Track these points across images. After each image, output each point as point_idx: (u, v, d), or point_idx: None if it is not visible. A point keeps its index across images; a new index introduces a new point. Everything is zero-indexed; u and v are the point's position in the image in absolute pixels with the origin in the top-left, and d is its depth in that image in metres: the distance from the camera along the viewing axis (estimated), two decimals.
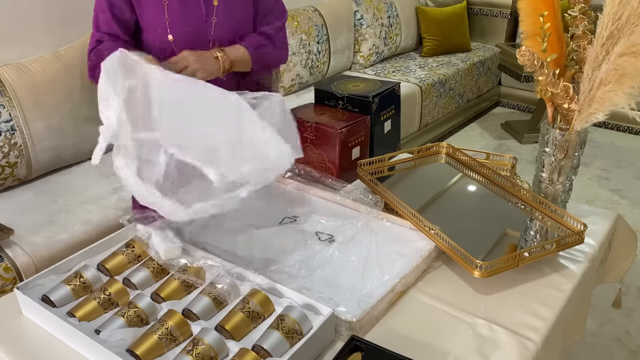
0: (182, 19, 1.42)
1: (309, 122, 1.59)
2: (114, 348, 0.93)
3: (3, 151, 2.06)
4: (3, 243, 1.80)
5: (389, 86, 1.72)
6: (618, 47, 1.11)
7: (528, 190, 1.36)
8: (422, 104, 3.49)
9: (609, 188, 3.24)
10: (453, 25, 4.14)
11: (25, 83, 2.12)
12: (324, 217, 1.37)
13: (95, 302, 1.04)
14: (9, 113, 2.07)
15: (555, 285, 1.16)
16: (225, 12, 1.45)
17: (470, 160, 1.52)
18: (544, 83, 1.19)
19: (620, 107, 1.15)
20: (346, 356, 0.95)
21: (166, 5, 1.40)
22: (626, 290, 2.32)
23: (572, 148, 1.26)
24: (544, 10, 1.16)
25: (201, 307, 1.03)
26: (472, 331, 1.04)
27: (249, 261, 1.20)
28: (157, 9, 1.41)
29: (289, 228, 1.35)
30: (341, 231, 1.32)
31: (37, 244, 1.83)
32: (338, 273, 1.18)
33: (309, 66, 3.30)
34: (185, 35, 1.43)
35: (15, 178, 2.15)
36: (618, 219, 1.42)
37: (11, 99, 2.08)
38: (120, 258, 1.17)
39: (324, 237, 1.30)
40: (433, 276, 1.19)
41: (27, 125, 2.12)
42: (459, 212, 1.40)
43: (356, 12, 3.67)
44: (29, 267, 1.77)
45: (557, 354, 1.15)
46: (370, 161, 1.52)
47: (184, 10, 1.42)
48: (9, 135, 2.07)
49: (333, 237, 1.30)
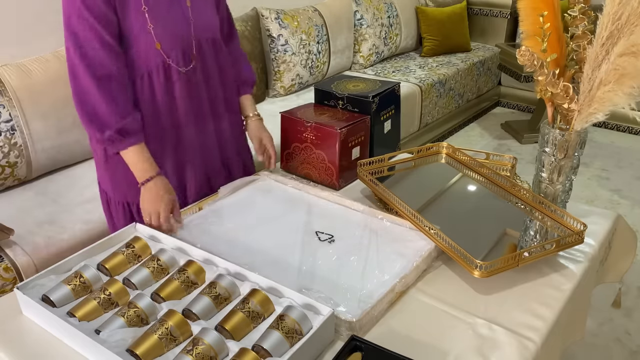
0: (167, 23, 1.37)
1: (309, 122, 1.59)
2: (114, 348, 0.93)
3: (3, 151, 2.06)
4: (3, 243, 1.80)
5: (389, 86, 1.72)
6: (618, 47, 1.11)
7: (528, 190, 1.36)
8: (422, 104, 3.49)
9: (609, 188, 3.24)
10: (453, 25, 4.13)
11: (25, 83, 2.12)
12: (324, 217, 1.37)
13: (95, 302, 1.04)
14: (9, 113, 2.07)
15: (555, 285, 1.16)
16: (197, 11, 1.44)
17: (470, 160, 1.52)
18: (544, 83, 1.19)
19: (620, 107, 1.15)
20: (346, 356, 0.95)
21: (146, 12, 1.33)
22: (626, 290, 2.32)
23: (572, 148, 1.26)
24: (544, 10, 1.16)
25: (201, 307, 1.03)
26: (472, 331, 1.04)
27: (250, 260, 1.20)
28: (139, 18, 1.34)
29: (288, 228, 1.35)
30: (341, 231, 1.32)
31: (37, 244, 1.83)
32: (338, 273, 1.18)
33: (309, 66, 3.30)
34: (171, 40, 1.38)
35: (15, 178, 2.15)
36: (618, 219, 1.42)
37: (11, 99, 2.08)
38: (120, 258, 1.17)
39: (324, 237, 1.30)
40: (433, 276, 1.19)
41: (27, 125, 2.12)
42: (459, 212, 1.40)
43: (356, 12, 3.67)
44: (29, 267, 1.77)
45: (557, 354, 1.15)
46: (370, 161, 1.52)
47: (167, 15, 1.38)
48: (9, 135, 2.07)
49: (333, 236, 1.30)
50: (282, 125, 1.67)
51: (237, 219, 1.40)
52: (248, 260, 1.20)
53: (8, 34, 2.20)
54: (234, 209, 1.45)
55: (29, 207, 2.04)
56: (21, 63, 2.17)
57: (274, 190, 1.54)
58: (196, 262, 1.14)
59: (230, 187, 1.53)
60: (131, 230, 1.28)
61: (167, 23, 1.37)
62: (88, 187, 2.17)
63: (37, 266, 1.78)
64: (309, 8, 3.39)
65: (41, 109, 2.15)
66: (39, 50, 2.22)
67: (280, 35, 3.14)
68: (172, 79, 1.40)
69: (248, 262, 1.19)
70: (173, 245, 1.22)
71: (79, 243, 1.86)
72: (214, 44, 1.49)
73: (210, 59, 1.48)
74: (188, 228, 1.36)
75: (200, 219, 1.41)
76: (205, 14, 1.47)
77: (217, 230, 1.35)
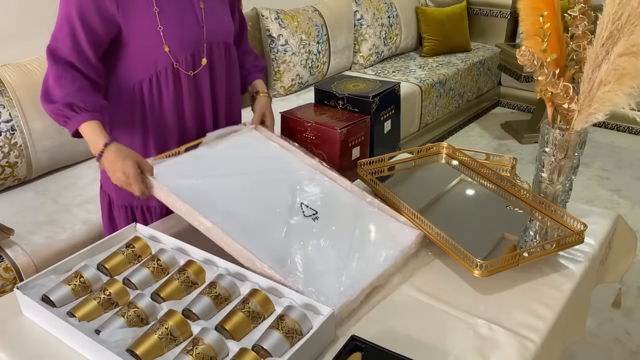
0: (178, 26, 1.35)
1: (309, 122, 1.59)
2: (114, 348, 0.93)
3: (3, 151, 2.06)
4: (3, 243, 1.80)
5: (389, 86, 1.72)
6: (618, 47, 1.11)
7: (528, 190, 1.36)
8: (422, 104, 3.49)
9: (609, 188, 3.24)
10: (453, 25, 4.14)
11: (25, 83, 2.13)
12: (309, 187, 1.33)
13: (95, 302, 1.04)
14: (9, 113, 2.07)
15: (555, 285, 1.16)
16: (211, 14, 1.43)
17: (470, 160, 1.52)
18: (544, 83, 1.19)
19: (620, 107, 1.15)
20: (346, 356, 0.95)
21: (157, 13, 1.32)
22: (626, 290, 2.32)
23: (572, 148, 1.26)
24: (544, 10, 1.16)
25: (201, 307, 1.03)
26: (472, 331, 1.04)
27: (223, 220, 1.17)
28: (147, 18, 1.32)
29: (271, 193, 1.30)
30: (326, 208, 1.28)
31: (37, 244, 1.83)
32: (319, 256, 1.16)
33: (309, 66, 3.30)
34: (181, 44, 1.37)
35: (15, 178, 2.15)
36: (618, 219, 1.42)
37: (11, 99, 2.08)
38: (120, 258, 1.17)
39: (308, 213, 1.26)
40: (433, 276, 1.19)
41: (27, 125, 2.12)
42: (459, 212, 1.40)
43: (356, 12, 3.67)
44: (29, 267, 1.77)
45: (557, 354, 1.15)
46: (370, 161, 1.52)
47: (179, 17, 1.36)
48: (9, 135, 2.07)
49: (317, 213, 1.27)
50: (282, 125, 1.67)
51: (217, 171, 1.34)
52: (221, 220, 1.16)
53: (8, 34, 2.20)
54: (215, 160, 1.38)
55: (29, 207, 2.04)
56: (21, 63, 2.17)
57: (259, 146, 1.48)
58: (196, 262, 1.14)
59: (216, 134, 1.46)
60: (131, 230, 1.27)
61: (178, 26, 1.35)
62: (88, 187, 2.17)
63: (37, 266, 1.78)
64: (309, 8, 3.39)
65: (41, 109, 2.13)
66: (39, 50, 2.22)
67: (280, 35, 3.14)
68: (181, 81, 1.39)
69: (221, 222, 1.15)
70: (173, 245, 1.22)
71: (79, 243, 1.87)
72: (225, 47, 1.48)
73: (219, 62, 1.47)
74: (164, 173, 1.29)
75: (178, 165, 1.34)
76: (219, 18, 1.45)
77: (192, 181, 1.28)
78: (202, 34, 1.40)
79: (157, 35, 1.33)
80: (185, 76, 1.39)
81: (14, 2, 2.21)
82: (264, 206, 1.26)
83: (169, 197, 1.22)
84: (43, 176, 2.26)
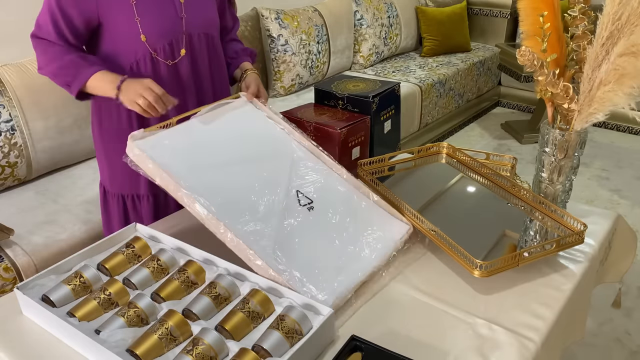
0: (154, 17, 1.40)
1: (309, 122, 1.58)
2: (114, 348, 0.93)
3: (3, 151, 2.06)
4: (3, 243, 1.80)
5: (389, 86, 1.72)
6: (618, 47, 1.11)
7: (528, 190, 1.36)
8: (422, 104, 3.49)
9: (609, 188, 3.24)
10: (453, 25, 4.13)
11: (25, 83, 2.13)
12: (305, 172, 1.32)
13: (95, 302, 1.04)
14: (9, 113, 2.07)
15: (555, 285, 1.16)
16: (192, 7, 1.46)
17: (470, 160, 1.52)
18: (544, 83, 1.19)
19: (620, 107, 1.15)
20: (346, 356, 0.95)
21: (134, 4, 1.37)
22: (626, 290, 2.32)
23: (572, 148, 1.26)
24: (544, 10, 1.16)
25: (201, 307, 1.03)
26: (472, 331, 1.04)
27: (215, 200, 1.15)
28: (125, 10, 1.38)
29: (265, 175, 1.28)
30: (321, 198, 1.27)
31: (37, 244, 1.83)
32: (313, 248, 1.15)
33: (309, 66, 3.30)
34: (158, 33, 1.41)
35: (15, 178, 2.15)
36: (618, 219, 1.42)
37: (11, 99, 2.08)
38: (120, 258, 1.17)
39: (304, 202, 1.25)
40: (433, 276, 1.19)
41: (27, 125, 2.12)
42: (459, 212, 1.40)
43: (356, 12, 3.67)
44: (29, 267, 1.77)
45: (557, 354, 1.15)
46: (370, 161, 1.52)
47: (156, 9, 1.40)
48: (9, 135, 2.07)
49: (312, 202, 1.26)
50: None
51: (211, 152, 1.30)
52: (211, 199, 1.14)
53: (8, 34, 2.20)
54: (210, 140, 1.35)
55: (29, 207, 2.04)
56: (21, 63, 2.17)
57: (255, 123, 1.45)
58: (196, 262, 1.14)
59: (211, 107, 1.43)
60: (131, 230, 1.28)
61: (154, 17, 1.41)
62: (88, 187, 2.17)
63: (37, 266, 1.78)
64: (309, 8, 3.39)
65: (41, 109, 2.15)
66: None
67: (280, 35, 3.14)
68: (160, 70, 1.45)
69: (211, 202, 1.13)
70: (173, 245, 1.22)
71: (78, 243, 1.87)
72: (206, 38, 1.52)
73: (200, 52, 1.51)
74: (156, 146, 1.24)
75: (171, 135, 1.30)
76: (201, 10, 1.49)
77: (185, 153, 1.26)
78: (180, 25, 1.45)
79: (134, 26, 1.39)
80: (164, 65, 1.45)
81: (14, 2, 2.21)
82: (258, 191, 1.23)
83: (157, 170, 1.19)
84: (43, 176, 2.26)
